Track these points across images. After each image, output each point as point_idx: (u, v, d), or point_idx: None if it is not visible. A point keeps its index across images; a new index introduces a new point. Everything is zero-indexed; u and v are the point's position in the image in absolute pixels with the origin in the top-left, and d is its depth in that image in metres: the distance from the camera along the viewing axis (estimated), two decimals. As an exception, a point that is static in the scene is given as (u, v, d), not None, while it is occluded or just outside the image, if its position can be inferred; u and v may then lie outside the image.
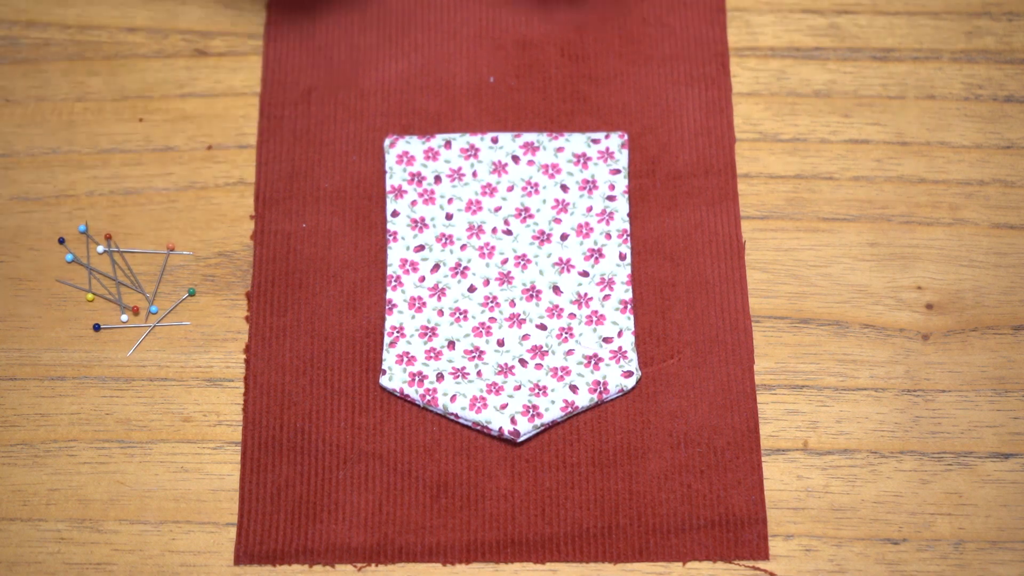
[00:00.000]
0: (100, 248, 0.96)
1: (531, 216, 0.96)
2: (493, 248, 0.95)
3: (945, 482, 0.89)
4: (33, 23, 1.03)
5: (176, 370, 0.92)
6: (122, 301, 0.94)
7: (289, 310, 0.93)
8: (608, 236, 0.95)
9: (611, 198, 0.96)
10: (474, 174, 0.97)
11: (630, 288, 0.93)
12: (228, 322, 0.94)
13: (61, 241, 0.96)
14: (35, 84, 1.01)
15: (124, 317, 0.94)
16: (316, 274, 0.95)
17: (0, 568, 0.87)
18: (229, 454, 0.90)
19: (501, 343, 0.92)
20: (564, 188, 0.97)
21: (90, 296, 0.94)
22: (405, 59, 1.02)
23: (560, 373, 0.91)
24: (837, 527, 0.88)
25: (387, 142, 0.98)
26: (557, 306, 0.93)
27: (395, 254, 0.95)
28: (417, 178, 0.97)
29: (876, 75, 1.01)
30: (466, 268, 0.94)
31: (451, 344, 0.92)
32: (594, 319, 0.92)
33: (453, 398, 0.90)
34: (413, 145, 0.98)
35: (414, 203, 0.96)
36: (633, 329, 0.92)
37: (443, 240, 0.95)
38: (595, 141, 0.98)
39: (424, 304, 0.93)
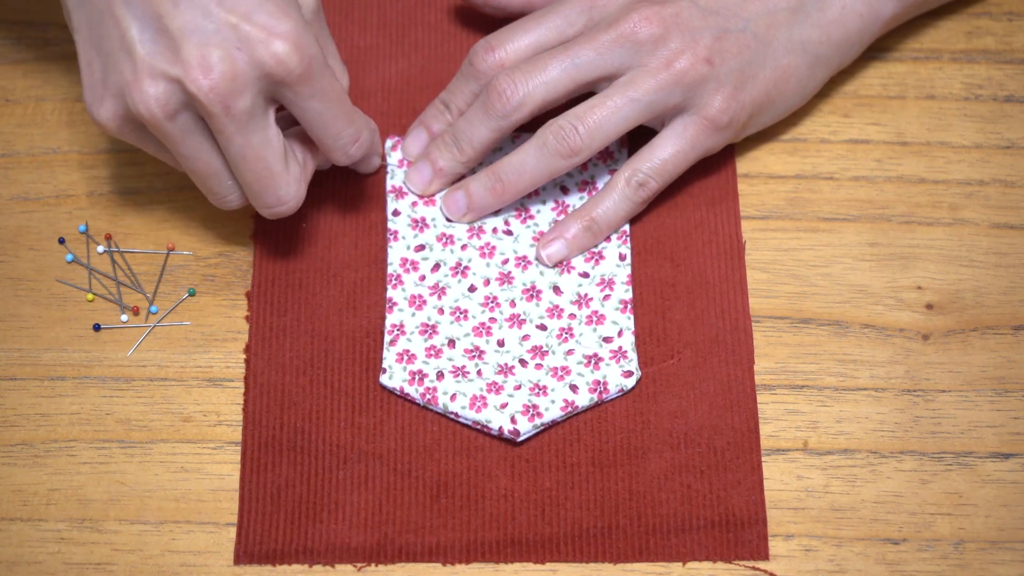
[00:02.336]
0: (100, 248, 0.96)
1: (531, 217, 0.96)
2: (494, 248, 0.95)
3: (945, 482, 0.89)
4: (33, 23, 1.03)
5: (176, 370, 0.92)
6: (122, 301, 0.94)
7: (289, 310, 0.93)
8: (608, 238, 0.95)
9: (611, 198, 0.96)
10: (474, 174, 0.97)
11: (630, 288, 0.93)
12: (228, 322, 0.94)
13: (61, 241, 0.96)
14: (35, 84, 1.01)
15: (124, 317, 0.94)
16: (316, 274, 0.95)
17: (0, 568, 0.87)
18: (229, 454, 0.90)
19: (501, 343, 0.92)
20: (564, 189, 0.97)
21: (90, 296, 0.94)
22: (405, 59, 1.02)
23: (560, 373, 0.91)
24: (837, 527, 0.88)
25: (389, 143, 0.98)
26: (557, 306, 0.93)
27: (396, 253, 0.95)
28: (417, 178, 0.97)
29: (876, 75, 1.01)
30: (466, 268, 0.94)
31: (451, 343, 0.92)
32: (594, 319, 0.92)
33: (453, 397, 0.89)
34: (413, 145, 0.98)
35: (415, 204, 0.96)
36: (633, 329, 0.92)
37: (443, 240, 0.95)
38: (595, 141, 0.98)
39: (424, 302, 0.93)
